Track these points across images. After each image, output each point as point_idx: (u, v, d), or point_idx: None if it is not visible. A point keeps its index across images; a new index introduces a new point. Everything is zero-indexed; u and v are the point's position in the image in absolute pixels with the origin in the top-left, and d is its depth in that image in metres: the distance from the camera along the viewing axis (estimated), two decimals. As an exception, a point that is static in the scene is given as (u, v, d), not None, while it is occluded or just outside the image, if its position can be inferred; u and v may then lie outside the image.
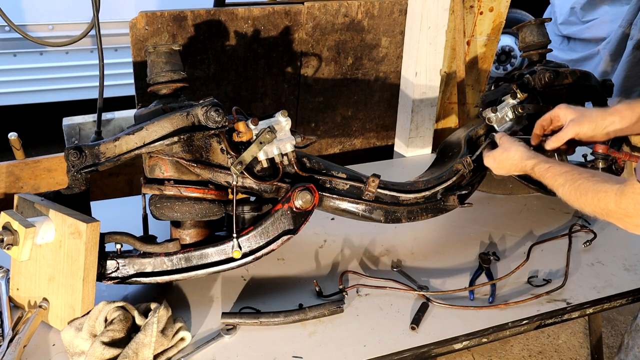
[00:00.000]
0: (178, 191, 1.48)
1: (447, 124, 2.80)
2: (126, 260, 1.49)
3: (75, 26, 3.78)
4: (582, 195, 1.31)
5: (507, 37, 5.73)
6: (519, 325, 1.54)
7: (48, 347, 1.40)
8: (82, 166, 1.46)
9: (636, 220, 1.20)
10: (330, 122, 2.65)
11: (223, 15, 2.20)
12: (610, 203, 1.23)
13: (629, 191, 1.18)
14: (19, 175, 2.19)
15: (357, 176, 1.69)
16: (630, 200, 1.18)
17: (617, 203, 1.21)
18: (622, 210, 1.21)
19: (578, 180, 1.34)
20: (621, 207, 1.21)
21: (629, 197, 1.19)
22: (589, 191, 1.29)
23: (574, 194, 1.34)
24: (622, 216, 1.22)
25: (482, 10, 2.56)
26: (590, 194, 1.28)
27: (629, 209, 1.19)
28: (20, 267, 1.48)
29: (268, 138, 1.52)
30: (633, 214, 1.19)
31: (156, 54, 1.54)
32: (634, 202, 1.18)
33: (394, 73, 2.64)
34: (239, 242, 1.51)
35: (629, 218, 1.21)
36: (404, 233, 1.92)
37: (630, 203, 1.19)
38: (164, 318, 1.37)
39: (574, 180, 1.35)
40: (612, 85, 2.07)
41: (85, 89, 4.16)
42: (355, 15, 2.42)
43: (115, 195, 2.37)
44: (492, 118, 1.95)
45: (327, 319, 1.51)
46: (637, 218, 1.20)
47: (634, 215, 1.19)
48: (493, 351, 2.82)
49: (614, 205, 1.22)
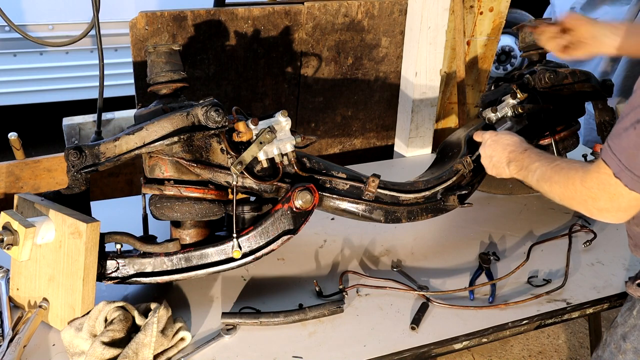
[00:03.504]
0: (178, 191, 1.48)
1: (447, 124, 2.80)
2: (126, 260, 1.49)
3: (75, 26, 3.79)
4: (556, 173, 1.31)
5: (507, 37, 5.74)
6: (519, 325, 1.54)
7: (48, 347, 1.40)
8: (82, 166, 1.46)
9: (599, 203, 1.19)
10: (330, 122, 2.65)
11: (223, 15, 2.20)
12: (577, 181, 1.22)
13: (594, 170, 1.18)
14: (19, 175, 2.19)
15: (357, 176, 1.69)
16: (595, 179, 1.18)
17: (582, 181, 1.21)
18: (587, 190, 1.20)
19: (556, 161, 1.34)
20: (586, 185, 1.20)
21: (593, 176, 1.18)
22: (563, 169, 1.29)
23: (548, 172, 1.33)
24: (586, 198, 1.21)
25: (482, 10, 2.56)
26: (563, 172, 1.28)
27: (593, 189, 1.18)
28: (20, 267, 1.48)
29: (268, 138, 1.52)
30: (597, 196, 1.18)
31: (156, 54, 1.54)
32: (598, 181, 1.17)
33: (394, 73, 2.64)
34: (239, 242, 1.51)
35: (593, 201, 1.20)
36: (404, 233, 1.92)
37: (594, 182, 1.18)
38: (164, 318, 1.37)
39: (553, 160, 1.36)
40: (612, 85, 2.07)
41: (85, 89, 4.16)
42: (355, 15, 2.42)
43: (115, 195, 2.37)
44: (492, 118, 1.95)
45: (327, 319, 1.51)
46: (600, 200, 1.18)
47: (598, 197, 1.18)
48: (493, 351, 2.82)
49: (580, 184, 1.21)
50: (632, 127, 1.10)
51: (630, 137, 1.10)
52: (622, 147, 1.12)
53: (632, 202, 1.15)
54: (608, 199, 1.17)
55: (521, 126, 1.90)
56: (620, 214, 1.19)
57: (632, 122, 1.10)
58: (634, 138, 1.10)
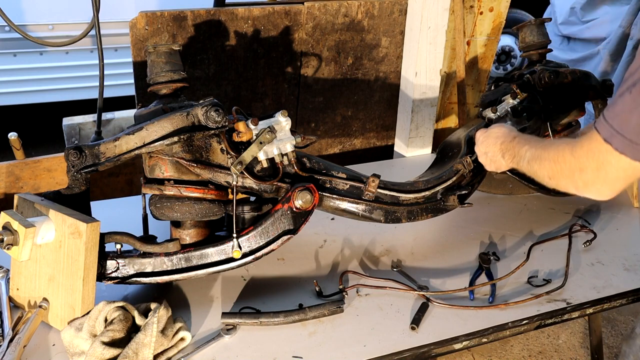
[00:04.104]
0: (178, 191, 1.48)
1: (447, 124, 2.80)
2: (126, 260, 1.49)
3: (75, 26, 3.79)
4: (545, 150, 1.31)
5: (507, 37, 5.74)
6: (519, 325, 1.54)
7: (48, 347, 1.40)
8: (82, 166, 1.46)
9: (587, 175, 1.18)
10: (330, 122, 2.65)
11: (223, 15, 2.20)
12: (567, 152, 1.22)
13: (586, 139, 1.18)
14: (19, 175, 2.19)
15: (357, 176, 1.69)
16: (585, 148, 1.17)
17: (572, 151, 1.21)
18: (576, 160, 1.19)
19: (545, 141, 1.35)
20: (575, 154, 1.20)
21: (584, 144, 1.18)
22: (552, 145, 1.29)
23: (538, 151, 1.33)
24: (573, 170, 1.20)
25: (482, 10, 2.56)
26: (552, 147, 1.28)
27: (581, 158, 1.18)
28: (20, 267, 1.48)
29: (268, 138, 1.52)
30: (584, 166, 1.17)
31: (156, 54, 1.54)
32: (588, 149, 1.17)
33: (394, 73, 2.64)
34: (239, 242, 1.51)
35: (580, 172, 1.19)
36: (404, 233, 1.92)
37: (584, 150, 1.18)
38: (164, 318, 1.37)
39: (542, 140, 1.36)
40: (612, 85, 2.07)
41: (85, 89, 4.16)
42: (355, 15, 2.42)
43: (115, 195, 2.37)
44: (492, 118, 1.95)
45: (327, 319, 1.51)
46: (587, 172, 1.17)
47: (585, 167, 1.17)
48: (493, 351, 2.82)
49: (570, 154, 1.21)
50: (627, 92, 1.09)
51: (625, 101, 1.10)
52: (615, 113, 1.12)
53: (619, 172, 1.13)
54: (595, 169, 1.16)
55: (521, 126, 1.90)
56: (605, 188, 1.18)
57: (628, 86, 1.09)
58: (628, 101, 1.09)
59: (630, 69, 1.12)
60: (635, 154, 1.09)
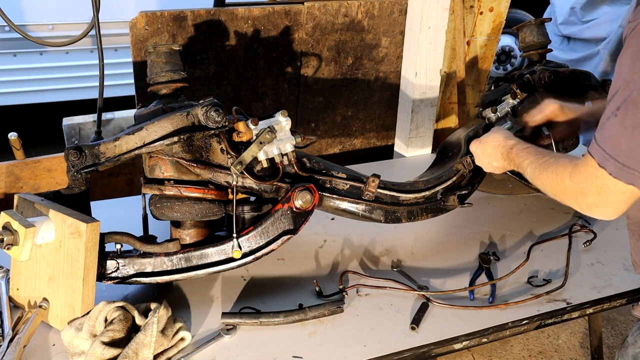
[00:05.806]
0: (178, 191, 1.48)
1: (447, 124, 2.80)
2: (126, 260, 1.49)
3: (75, 26, 3.79)
4: (545, 170, 1.31)
5: (507, 37, 5.74)
6: (519, 325, 1.54)
7: (48, 347, 1.40)
8: (82, 166, 1.46)
9: (588, 198, 1.18)
10: (330, 122, 2.65)
11: (223, 15, 2.20)
12: (566, 177, 1.22)
13: (582, 164, 1.18)
14: (19, 175, 2.19)
15: (357, 176, 1.69)
16: (583, 174, 1.17)
17: (571, 176, 1.21)
18: (576, 185, 1.19)
19: (545, 157, 1.34)
20: (574, 180, 1.20)
21: (582, 171, 1.18)
22: (551, 166, 1.29)
23: (538, 170, 1.33)
24: (576, 193, 1.20)
25: (482, 10, 2.56)
26: (551, 168, 1.28)
27: (581, 184, 1.18)
28: (20, 267, 1.48)
29: (268, 138, 1.52)
30: (585, 191, 1.18)
31: (156, 54, 1.54)
32: (586, 174, 1.17)
33: (394, 73, 2.64)
34: (239, 242, 1.51)
35: (582, 196, 1.19)
36: (404, 233, 1.92)
37: (582, 176, 1.18)
38: (164, 318, 1.37)
39: (542, 156, 1.36)
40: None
41: (85, 89, 4.16)
42: (355, 15, 2.42)
43: (115, 195, 2.37)
44: (492, 118, 1.95)
45: (327, 319, 1.51)
46: (589, 196, 1.17)
47: (586, 191, 1.17)
48: (493, 351, 2.82)
49: (569, 179, 1.21)
50: (613, 115, 1.10)
51: (612, 125, 1.10)
52: (605, 137, 1.12)
53: (618, 195, 1.14)
54: (596, 193, 1.16)
55: (521, 126, 1.90)
56: (609, 210, 1.18)
57: (613, 110, 1.10)
58: (615, 125, 1.09)
59: (611, 91, 1.12)
60: (628, 178, 1.10)
